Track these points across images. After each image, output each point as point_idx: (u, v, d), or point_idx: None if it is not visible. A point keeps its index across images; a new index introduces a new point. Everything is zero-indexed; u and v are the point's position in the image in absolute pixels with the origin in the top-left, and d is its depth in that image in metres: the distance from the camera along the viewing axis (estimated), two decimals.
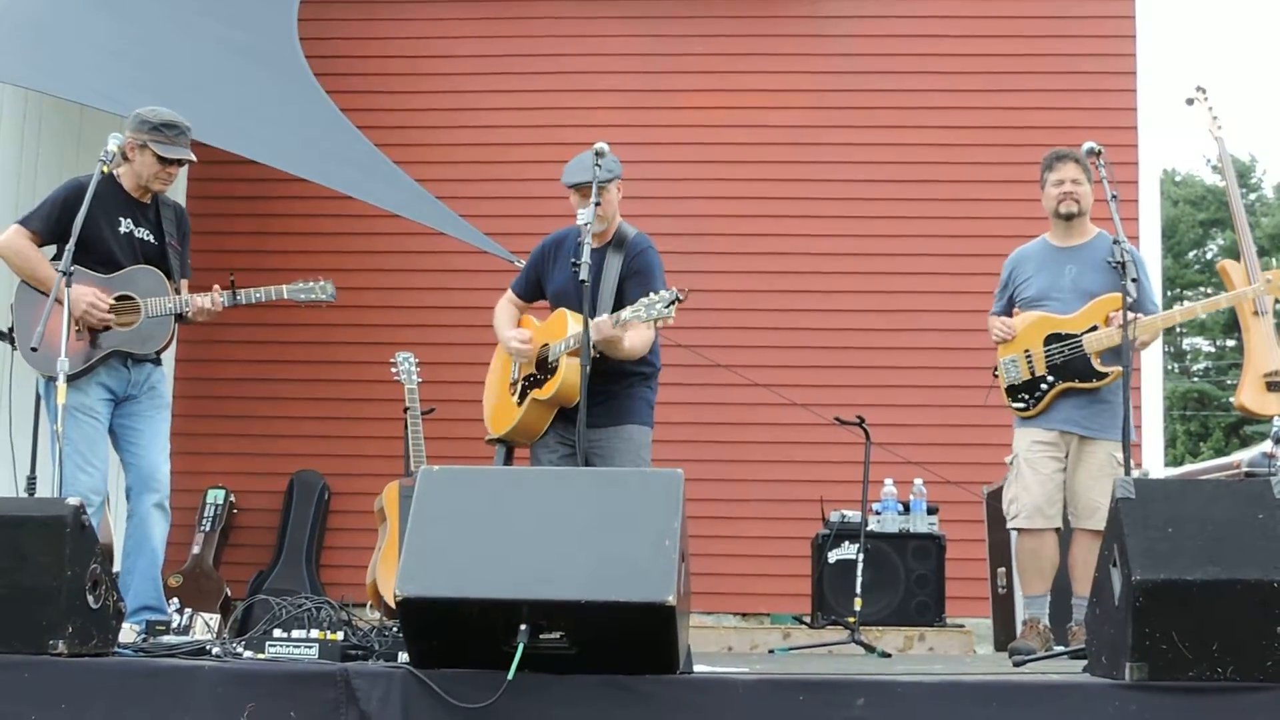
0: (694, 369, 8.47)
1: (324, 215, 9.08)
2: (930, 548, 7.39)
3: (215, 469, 8.92)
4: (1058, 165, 5.84)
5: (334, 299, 5.78)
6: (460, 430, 7.21)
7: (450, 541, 3.54)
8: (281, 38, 8.37)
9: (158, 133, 5.46)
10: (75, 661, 3.69)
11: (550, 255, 5.87)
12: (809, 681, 3.55)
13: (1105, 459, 5.63)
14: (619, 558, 3.45)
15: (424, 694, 3.48)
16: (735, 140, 9.20)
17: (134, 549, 5.43)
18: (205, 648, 4.06)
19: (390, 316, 8.99)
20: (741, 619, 8.69)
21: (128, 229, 5.53)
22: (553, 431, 5.65)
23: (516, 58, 9.43)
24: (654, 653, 3.49)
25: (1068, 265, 5.79)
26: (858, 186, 9.10)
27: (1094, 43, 9.21)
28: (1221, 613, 3.39)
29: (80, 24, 7.45)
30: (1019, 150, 8.51)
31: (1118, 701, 3.41)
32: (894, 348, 8.91)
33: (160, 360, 5.65)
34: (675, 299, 5.14)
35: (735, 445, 8.82)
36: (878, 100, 9.19)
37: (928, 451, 8.24)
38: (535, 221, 7.30)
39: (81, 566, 3.77)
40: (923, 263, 8.97)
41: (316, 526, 8.94)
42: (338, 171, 8.11)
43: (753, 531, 8.67)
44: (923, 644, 7.15)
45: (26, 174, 8.29)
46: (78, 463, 5.29)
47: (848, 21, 9.36)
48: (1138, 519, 3.51)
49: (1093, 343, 5.63)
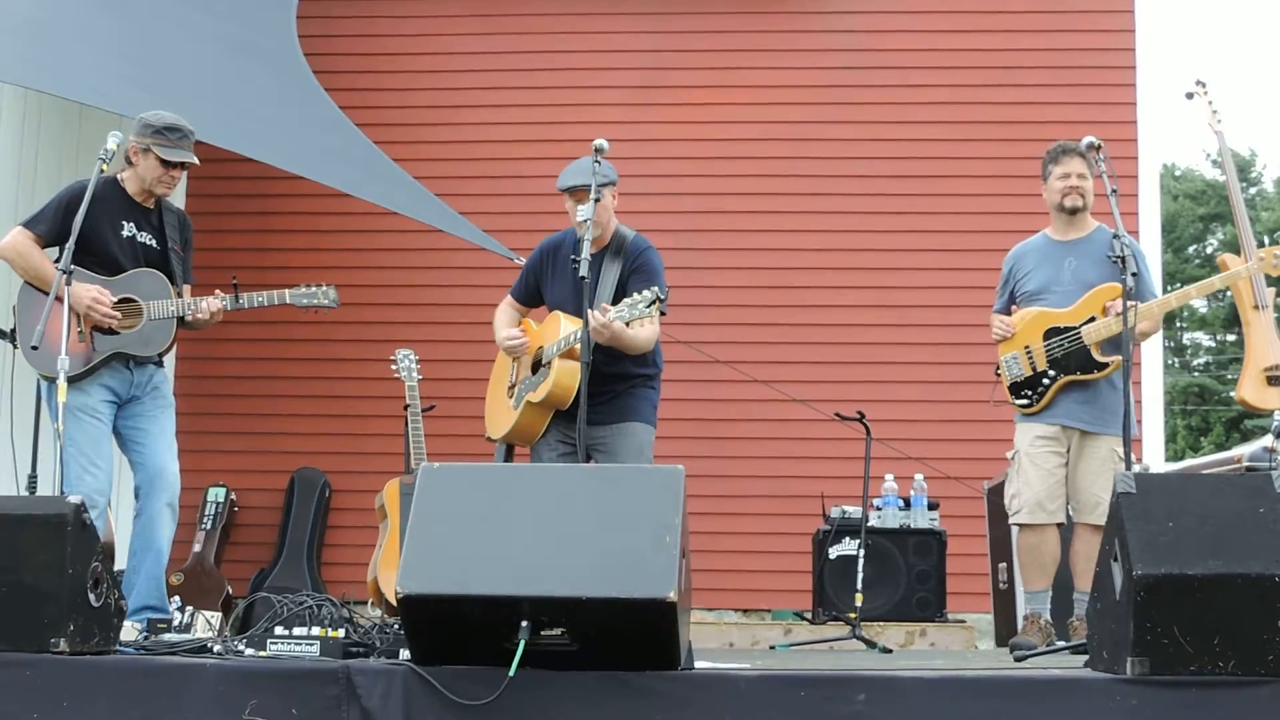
0: (695, 365, 8.47)
1: (324, 213, 9.07)
2: (931, 543, 7.38)
3: (216, 467, 8.91)
4: (1063, 159, 5.81)
5: (336, 305, 5.75)
6: (461, 427, 7.21)
7: (451, 538, 3.55)
8: (281, 36, 8.36)
9: (160, 136, 5.46)
10: (77, 660, 3.69)
11: (548, 260, 5.84)
12: (810, 677, 3.55)
13: (1107, 454, 5.62)
14: (620, 554, 3.45)
15: (425, 691, 3.49)
16: (737, 137, 9.19)
17: (140, 548, 5.43)
18: (207, 646, 4.07)
19: (391, 314, 8.99)
20: (742, 615, 8.69)
21: (130, 233, 5.53)
22: (554, 430, 5.64)
23: (517, 55, 9.43)
24: (655, 649, 3.49)
25: (1067, 259, 5.78)
26: (858, 183, 9.10)
27: (1094, 37, 9.21)
28: (1223, 607, 3.39)
29: (79, 23, 7.44)
30: (1020, 145, 8.51)
31: (1119, 696, 3.41)
32: (895, 343, 8.91)
33: (162, 362, 5.66)
34: (657, 299, 5.13)
35: (736, 441, 8.82)
36: (878, 97, 9.19)
37: (928, 447, 8.23)
38: (536, 219, 7.31)
39: (83, 565, 3.77)
40: (923, 258, 8.97)
41: (317, 524, 8.95)
42: (338, 170, 8.11)
43: (753, 527, 8.68)
44: (924, 639, 7.15)
45: (26, 173, 8.29)
46: (83, 464, 5.29)
47: (848, 18, 9.35)
48: (1139, 513, 3.51)
49: (1091, 333, 5.61)
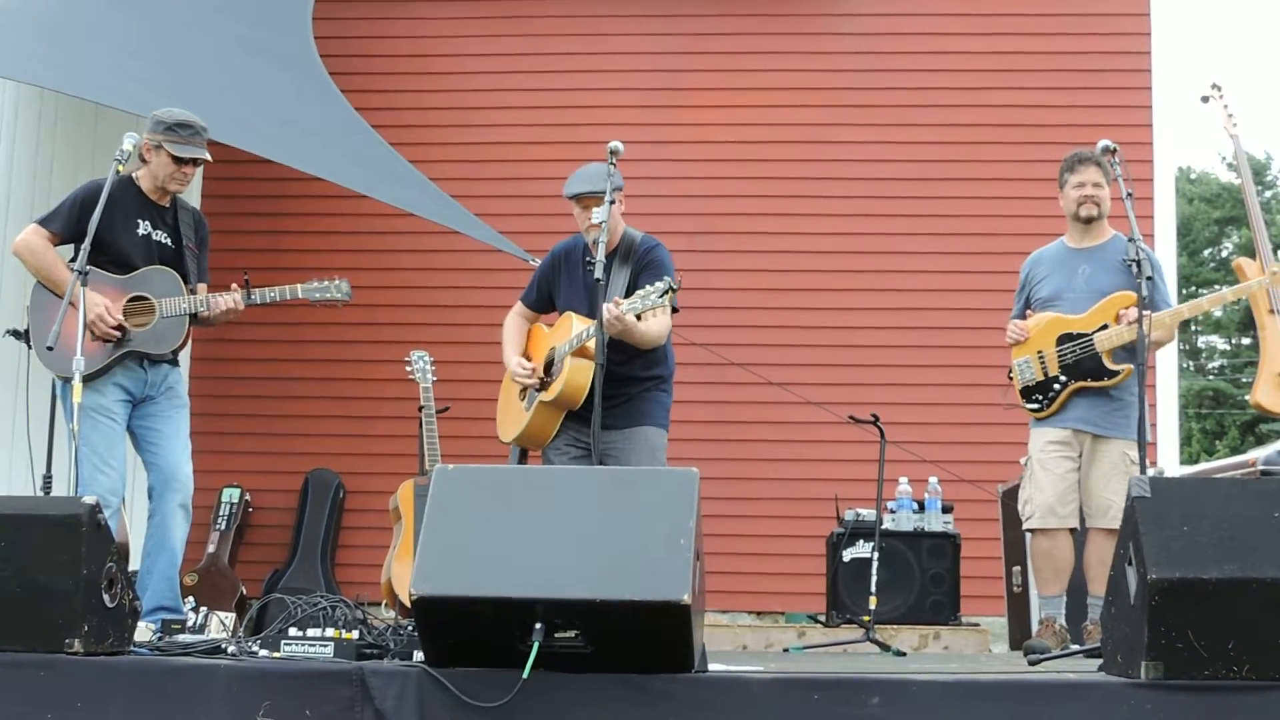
0: (709, 367, 8.47)
1: (339, 214, 9.09)
2: (945, 546, 7.37)
3: (230, 468, 8.92)
4: (1079, 168, 5.81)
5: (350, 298, 5.74)
6: (475, 429, 7.22)
7: (465, 540, 3.54)
8: (297, 37, 8.37)
9: (172, 133, 5.46)
10: (91, 660, 3.69)
11: (559, 266, 5.84)
12: (824, 680, 3.54)
13: (1118, 458, 5.62)
14: (634, 556, 3.44)
15: (439, 693, 3.48)
16: (749, 139, 9.19)
17: (154, 548, 5.44)
18: (220, 646, 4.05)
19: (405, 315, 9.00)
20: (756, 618, 8.68)
21: (145, 231, 5.54)
22: (566, 433, 5.63)
23: (531, 56, 9.44)
24: (669, 652, 3.48)
25: (1082, 266, 5.78)
26: (873, 185, 9.09)
27: (1109, 40, 9.19)
28: (1237, 611, 3.38)
29: (95, 23, 7.46)
30: (1035, 148, 8.52)
31: (1133, 700, 3.40)
32: (909, 346, 8.89)
33: (177, 361, 5.66)
34: (670, 288, 5.12)
35: (750, 444, 8.81)
36: (893, 99, 9.18)
37: (942, 450, 8.22)
38: (551, 220, 7.31)
39: (97, 565, 3.77)
40: (937, 261, 8.95)
41: (331, 525, 8.96)
42: (353, 171, 8.12)
43: (767, 530, 8.67)
44: (938, 643, 7.14)
45: (42, 174, 8.32)
46: (95, 464, 5.30)
47: (862, 20, 9.35)
48: (1153, 517, 3.49)
49: (1104, 341, 5.61)
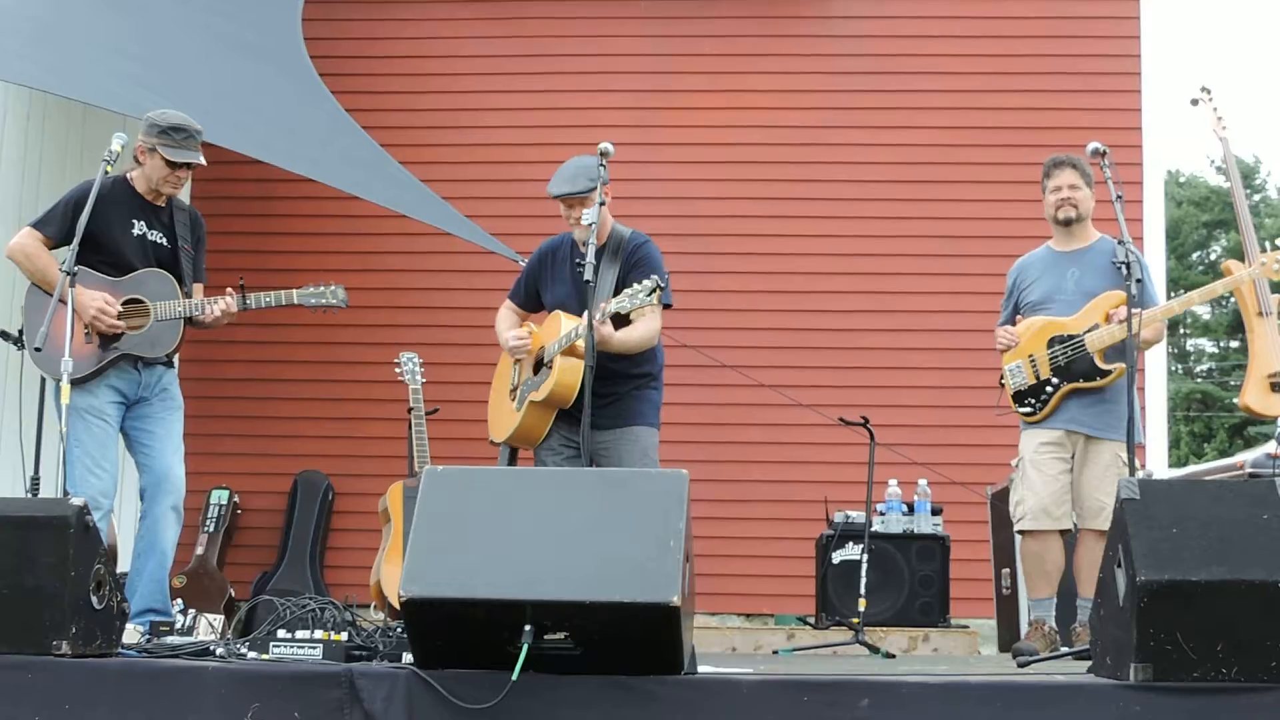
0: (699, 369, 8.48)
1: (329, 215, 9.08)
2: (934, 548, 7.37)
3: (219, 469, 8.90)
4: (1055, 172, 5.87)
5: (345, 304, 5.69)
6: (464, 430, 7.21)
7: (455, 542, 3.54)
8: (287, 37, 8.36)
9: (166, 136, 5.44)
10: (79, 662, 3.68)
11: (546, 263, 5.82)
12: (813, 682, 3.54)
13: (1111, 459, 5.62)
14: (623, 558, 3.45)
15: (428, 694, 3.48)
16: (741, 141, 9.20)
17: (144, 550, 5.41)
18: (209, 648, 4.06)
19: (395, 316, 9.00)
20: (746, 620, 8.68)
21: (140, 231, 5.52)
22: (557, 434, 5.61)
23: (522, 58, 9.44)
24: (658, 653, 3.49)
25: (1070, 269, 5.80)
26: (863, 187, 9.10)
27: (1099, 43, 9.21)
28: (1226, 613, 3.39)
29: (85, 23, 7.44)
30: (1025, 151, 8.51)
31: (1122, 702, 3.41)
32: (898, 348, 8.91)
33: (172, 363, 5.63)
34: (657, 287, 5.10)
35: (739, 446, 8.81)
36: (884, 101, 9.19)
37: (932, 452, 8.23)
38: (540, 222, 7.29)
39: (85, 567, 3.77)
40: (928, 263, 8.96)
41: (320, 527, 8.95)
42: (343, 171, 8.11)
43: (757, 532, 8.67)
44: (927, 645, 7.14)
45: (30, 174, 8.30)
46: (88, 465, 5.28)
47: (854, 23, 9.36)
48: (1142, 519, 3.50)
49: (1094, 341, 5.62)
